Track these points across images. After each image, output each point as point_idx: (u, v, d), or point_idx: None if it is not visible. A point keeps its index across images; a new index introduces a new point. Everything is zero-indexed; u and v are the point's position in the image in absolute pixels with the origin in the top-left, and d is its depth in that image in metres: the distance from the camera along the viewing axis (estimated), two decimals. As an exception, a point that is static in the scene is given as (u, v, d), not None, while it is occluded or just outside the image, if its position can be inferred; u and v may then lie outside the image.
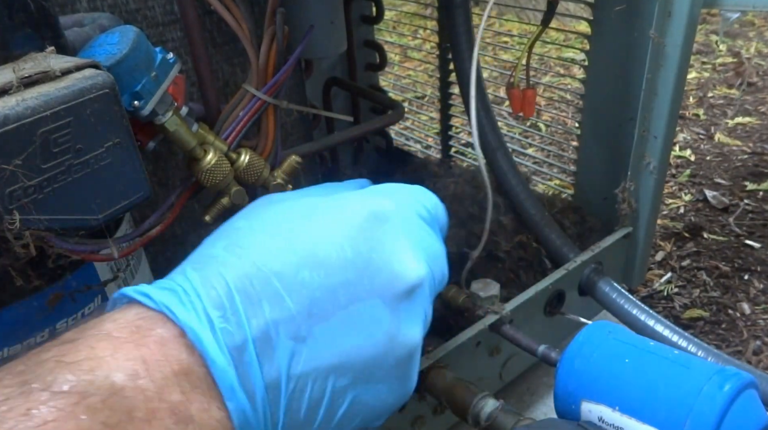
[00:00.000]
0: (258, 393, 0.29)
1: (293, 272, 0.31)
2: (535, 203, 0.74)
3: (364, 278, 0.32)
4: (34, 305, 0.40)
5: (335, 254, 0.32)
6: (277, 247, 0.31)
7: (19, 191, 0.33)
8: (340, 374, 0.31)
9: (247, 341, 0.29)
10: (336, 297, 0.31)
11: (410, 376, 0.36)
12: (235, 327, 0.29)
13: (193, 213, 0.62)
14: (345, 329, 0.31)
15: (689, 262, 1.22)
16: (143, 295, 0.29)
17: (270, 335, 0.29)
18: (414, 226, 0.37)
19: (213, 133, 0.53)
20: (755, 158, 1.55)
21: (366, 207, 0.34)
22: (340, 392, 0.32)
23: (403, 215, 0.36)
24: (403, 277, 0.34)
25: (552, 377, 0.60)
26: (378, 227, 0.34)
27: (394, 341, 0.33)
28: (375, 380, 0.33)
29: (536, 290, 0.64)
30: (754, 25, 2.36)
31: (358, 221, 0.33)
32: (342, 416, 0.32)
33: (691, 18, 0.60)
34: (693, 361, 0.40)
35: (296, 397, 0.30)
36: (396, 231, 0.35)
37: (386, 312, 0.33)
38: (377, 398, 0.34)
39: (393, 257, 0.33)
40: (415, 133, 1.32)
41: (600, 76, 0.74)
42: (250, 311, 0.29)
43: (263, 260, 0.31)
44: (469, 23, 0.72)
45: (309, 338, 0.30)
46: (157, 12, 0.56)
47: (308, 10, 0.66)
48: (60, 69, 0.35)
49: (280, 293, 0.30)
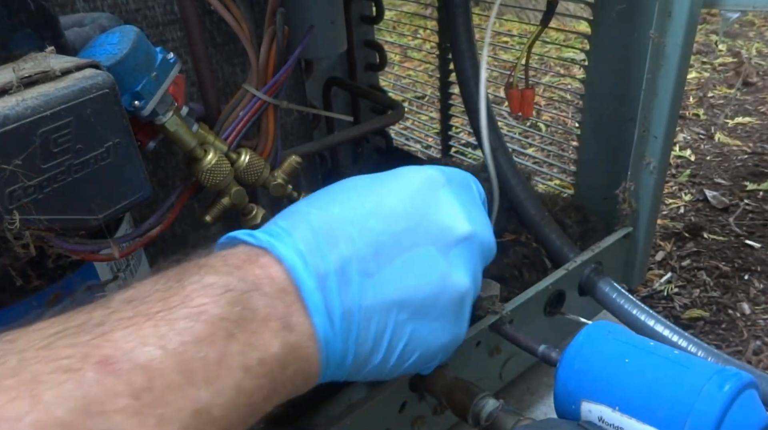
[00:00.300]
0: (337, 317, 0.34)
1: (363, 220, 0.37)
2: (535, 203, 0.74)
3: (420, 228, 0.38)
4: (34, 305, 0.40)
5: (398, 207, 0.38)
6: (350, 202, 0.38)
7: (19, 191, 0.33)
8: (401, 309, 0.36)
9: (329, 271, 0.34)
10: (398, 242, 0.37)
11: (462, 317, 0.41)
12: (319, 260, 0.34)
13: (193, 213, 0.62)
14: (405, 269, 0.37)
15: (689, 262, 1.22)
16: (248, 235, 0.36)
17: (345, 269, 0.35)
18: (462, 194, 0.42)
19: (213, 133, 0.53)
20: (755, 158, 1.55)
21: (423, 174, 0.41)
22: (401, 326, 0.37)
23: (454, 185, 0.42)
24: (454, 229, 0.39)
25: (552, 377, 0.60)
26: (433, 190, 0.40)
27: (446, 283, 0.38)
28: (431, 316, 0.38)
29: (536, 290, 0.64)
30: (754, 25, 2.36)
31: (417, 183, 0.40)
32: (402, 350, 0.37)
33: (691, 18, 0.60)
34: (693, 361, 0.40)
35: (364, 327, 0.35)
36: (448, 194, 0.41)
37: (439, 257, 0.38)
38: (433, 335, 0.39)
39: (445, 213, 0.40)
40: (415, 133, 1.32)
41: (600, 76, 0.74)
42: (330, 248, 0.35)
43: (339, 210, 0.37)
44: (469, 23, 0.71)
45: (376, 275, 0.36)
46: (157, 12, 0.56)
47: (308, 10, 0.66)
48: (60, 69, 0.35)
49: (353, 236, 0.36)
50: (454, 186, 0.42)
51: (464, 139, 1.31)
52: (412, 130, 1.32)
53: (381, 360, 0.37)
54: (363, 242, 0.36)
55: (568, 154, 1.32)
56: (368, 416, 0.52)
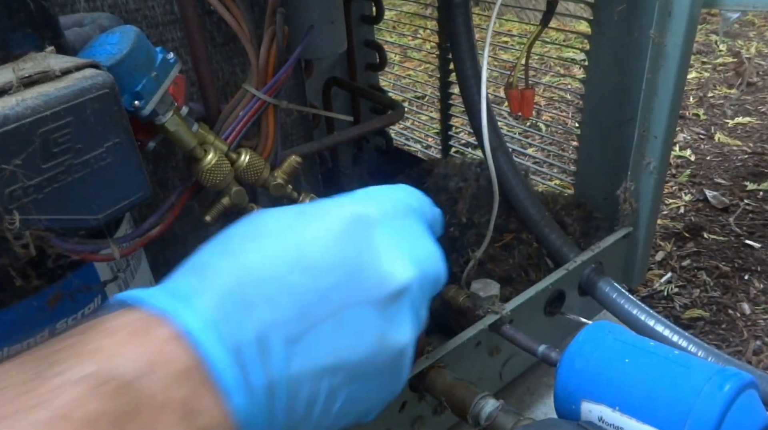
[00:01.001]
0: (258, 392, 0.30)
1: (285, 276, 0.32)
2: (535, 203, 0.74)
3: (352, 281, 0.33)
4: (34, 305, 0.40)
5: (324, 257, 0.33)
6: (267, 251, 0.32)
7: (19, 191, 0.33)
8: (333, 375, 0.32)
9: (247, 341, 0.30)
10: (326, 300, 0.32)
11: (401, 374, 0.37)
12: (234, 328, 0.29)
13: (193, 213, 0.61)
14: (336, 331, 0.32)
15: (689, 262, 1.22)
16: (139, 300, 0.30)
17: (266, 336, 0.30)
18: (400, 228, 0.37)
19: (213, 133, 0.53)
20: (755, 158, 1.55)
21: (349, 210, 0.35)
22: (335, 391, 0.33)
23: (388, 218, 0.37)
24: (391, 280, 0.34)
25: (552, 377, 0.60)
26: (365, 231, 0.35)
27: (383, 342, 0.34)
28: (367, 378, 0.34)
29: (536, 290, 0.64)
30: (754, 25, 2.36)
31: (344, 225, 0.35)
32: (337, 412, 0.34)
33: (691, 18, 0.60)
34: (693, 361, 0.40)
35: (293, 396, 0.31)
36: (382, 234, 0.35)
37: (375, 315, 0.34)
38: (369, 395, 0.36)
39: (380, 260, 0.34)
40: (415, 133, 1.32)
41: (600, 76, 0.74)
42: (245, 314, 0.30)
43: (255, 264, 0.32)
44: (469, 23, 0.71)
45: (303, 339, 0.31)
46: (157, 12, 0.56)
47: (308, 10, 0.66)
48: (60, 69, 0.35)
49: (274, 296, 0.31)
50: (389, 220, 0.37)
51: (464, 139, 1.31)
52: (412, 130, 1.32)
53: (314, 425, 0.33)
54: (285, 303, 0.31)
55: (568, 154, 1.32)
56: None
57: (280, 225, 0.35)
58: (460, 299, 0.64)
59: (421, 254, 0.37)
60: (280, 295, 0.31)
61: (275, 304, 0.31)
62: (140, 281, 0.50)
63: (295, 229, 0.34)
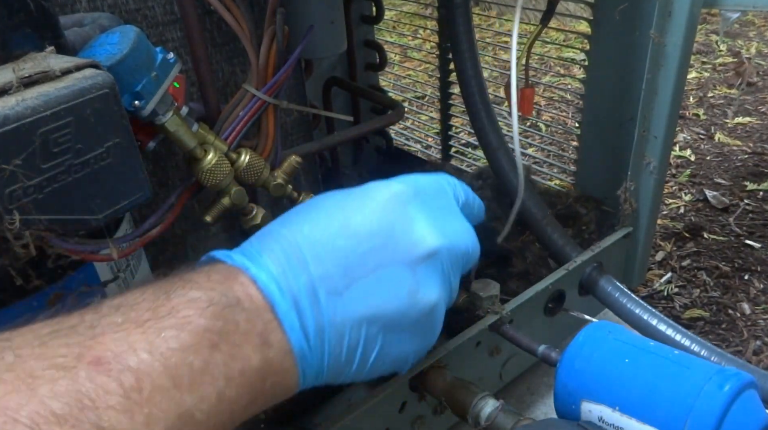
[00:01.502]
0: (311, 334, 0.36)
1: (332, 240, 0.38)
2: (537, 203, 0.74)
3: (388, 246, 0.39)
4: (34, 305, 0.40)
5: (365, 226, 0.39)
6: (319, 221, 0.39)
7: (19, 191, 0.33)
8: (371, 324, 0.38)
9: (301, 292, 0.36)
10: (365, 261, 0.38)
11: (431, 329, 0.42)
12: (291, 281, 0.36)
13: (193, 213, 0.62)
14: (373, 287, 0.38)
15: (689, 262, 1.22)
16: (226, 256, 0.38)
17: (316, 289, 0.36)
18: (433, 206, 0.43)
19: (213, 133, 0.53)
20: (755, 158, 1.55)
21: (390, 190, 0.42)
22: (372, 339, 0.38)
23: (424, 197, 0.43)
24: (420, 245, 0.40)
25: (552, 377, 0.60)
26: (401, 205, 0.41)
27: (414, 298, 0.40)
28: (400, 329, 0.40)
29: (536, 290, 0.64)
30: (754, 25, 2.36)
31: (384, 200, 0.41)
32: (375, 359, 0.39)
33: (691, 18, 0.60)
34: (693, 361, 0.40)
35: (336, 342, 0.37)
36: (416, 209, 0.41)
37: (407, 274, 0.39)
38: (403, 345, 0.41)
39: (413, 229, 0.40)
40: (415, 133, 1.32)
41: (600, 76, 0.74)
42: (301, 269, 0.37)
43: (309, 230, 0.38)
44: (469, 23, 0.71)
45: (345, 293, 0.37)
46: (157, 12, 0.56)
47: (308, 10, 0.66)
48: (60, 69, 0.35)
49: (322, 257, 0.37)
50: (424, 198, 0.43)
51: (464, 139, 1.31)
52: (412, 130, 1.32)
53: (356, 369, 0.39)
54: (331, 262, 0.37)
55: (568, 154, 1.32)
56: (368, 416, 0.52)
57: (331, 202, 0.41)
58: (460, 299, 0.64)
59: (450, 228, 0.42)
60: (327, 256, 0.37)
61: (323, 263, 0.37)
62: (140, 281, 0.50)
63: (343, 203, 0.41)
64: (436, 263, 0.41)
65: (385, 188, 0.42)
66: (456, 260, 0.43)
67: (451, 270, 0.42)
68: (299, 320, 0.36)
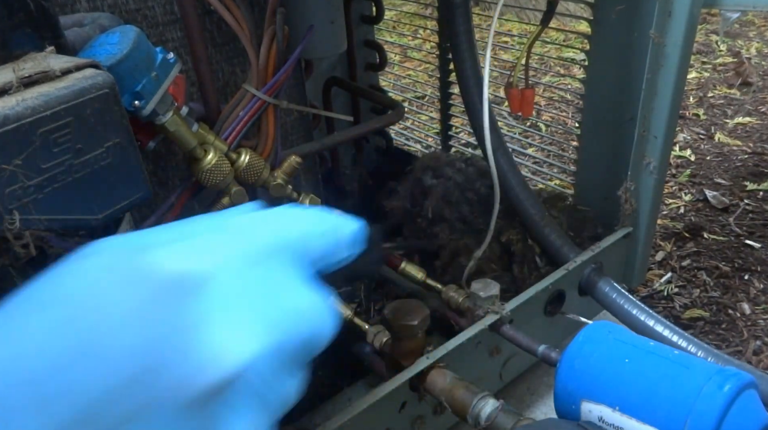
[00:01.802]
0: None
1: (63, 369, 0.23)
2: (535, 203, 0.74)
3: (156, 372, 0.24)
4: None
5: (119, 340, 0.24)
6: (43, 335, 0.24)
7: (19, 191, 0.33)
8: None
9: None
10: (117, 402, 0.24)
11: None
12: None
13: (193, 213, 0.61)
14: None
15: (689, 262, 1.22)
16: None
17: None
18: (258, 280, 0.28)
19: (213, 133, 0.53)
20: (755, 158, 1.55)
21: (169, 270, 0.26)
22: None
23: (239, 269, 0.28)
24: (215, 366, 0.25)
25: (552, 377, 0.60)
26: (184, 298, 0.26)
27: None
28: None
29: (536, 290, 0.64)
30: (754, 25, 2.36)
31: (155, 291, 0.25)
32: None
33: (691, 18, 0.60)
34: (693, 361, 0.40)
35: None
36: (219, 296, 0.26)
37: (185, 420, 0.25)
38: None
39: (202, 338, 0.25)
40: (415, 133, 1.32)
41: (600, 76, 0.74)
42: (12, 425, 0.23)
43: (25, 354, 0.24)
44: (469, 23, 0.71)
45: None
46: (157, 12, 0.56)
47: (308, 10, 0.66)
48: (60, 69, 0.35)
49: (48, 398, 0.23)
50: (240, 272, 0.27)
51: (464, 139, 1.31)
52: (412, 130, 1.32)
53: None
54: (64, 405, 0.23)
55: (568, 154, 1.32)
56: (368, 416, 0.52)
57: (79, 286, 0.26)
58: (460, 299, 0.64)
59: (282, 312, 0.28)
60: (58, 395, 0.23)
61: (51, 408, 0.23)
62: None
63: (88, 298, 0.25)
64: (244, 386, 0.26)
65: (165, 269, 0.26)
66: (291, 356, 0.28)
67: (274, 381, 0.28)
68: None
